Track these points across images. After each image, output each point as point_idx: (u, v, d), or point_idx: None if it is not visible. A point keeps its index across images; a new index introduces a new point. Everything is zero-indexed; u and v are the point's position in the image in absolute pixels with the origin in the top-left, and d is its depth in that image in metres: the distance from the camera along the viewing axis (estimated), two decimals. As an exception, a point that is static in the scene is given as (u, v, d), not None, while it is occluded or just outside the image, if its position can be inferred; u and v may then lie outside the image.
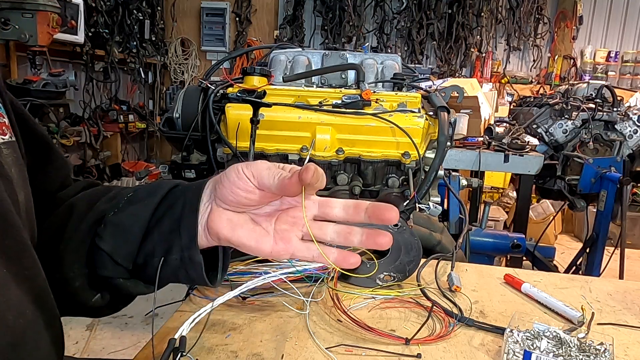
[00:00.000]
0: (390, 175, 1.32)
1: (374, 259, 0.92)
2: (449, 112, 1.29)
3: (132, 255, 0.59)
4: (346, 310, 0.78)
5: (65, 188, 0.71)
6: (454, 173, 1.73)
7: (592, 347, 0.67)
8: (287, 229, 0.58)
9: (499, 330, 0.76)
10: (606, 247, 2.52)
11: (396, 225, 1.01)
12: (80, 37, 3.84)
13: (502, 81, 5.72)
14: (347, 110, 1.26)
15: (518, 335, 0.69)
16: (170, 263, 0.59)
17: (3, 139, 0.56)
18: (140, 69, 5.17)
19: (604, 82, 3.32)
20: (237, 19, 5.70)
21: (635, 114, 2.66)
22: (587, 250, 2.59)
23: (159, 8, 5.40)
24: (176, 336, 0.59)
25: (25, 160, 0.60)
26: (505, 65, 5.78)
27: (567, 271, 2.76)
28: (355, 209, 0.56)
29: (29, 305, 0.51)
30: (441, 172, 1.28)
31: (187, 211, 0.58)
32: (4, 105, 0.59)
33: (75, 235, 0.60)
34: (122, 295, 0.64)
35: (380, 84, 1.48)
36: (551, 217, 3.86)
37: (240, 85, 1.17)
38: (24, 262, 0.52)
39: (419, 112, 1.28)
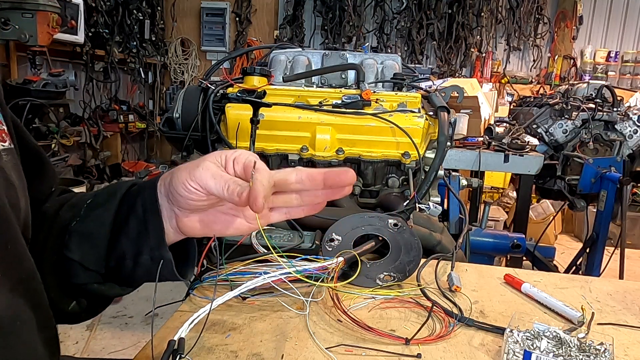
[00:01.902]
0: (390, 175, 1.32)
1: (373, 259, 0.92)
2: (449, 112, 1.29)
3: (102, 260, 0.61)
4: (346, 310, 0.78)
5: (49, 196, 0.72)
6: (454, 173, 1.73)
7: (592, 347, 0.67)
8: None
9: (499, 330, 0.76)
10: (606, 247, 2.52)
11: (396, 225, 1.01)
12: (80, 37, 3.84)
13: (502, 81, 5.72)
14: (347, 110, 1.26)
15: (518, 335, 0.69)
16: (142, 263, 0.60)
17: (3, 145, 0.56)
18: (140, 69, 5.17)
19: (604, 82, 3.32)
20: (237, 19, 5.70)
21: (635, 114, 2.66)
22: (587, 250, 2.59)
23: (159, 8, 5.40)
24: (175, 337, 0.59)
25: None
26: (505, 65, 5.78)
27: (567, 271, 2.76)
28: (312, 181, 0.56)
29: (24, 307, 0.52)
30: (441, 172, 1.28)
31: (150, 213, 0.60)
32: (4, 114, 0.59)
33: (43, 248, 0.61)
34: (99, 299, 0.65)
35: (380, 84, 1.48)
36: (551, 217, 3.86)
37: (240, 85, 1.17)
38: (23, 266, 0.53)
39: (419, 112, 1.28)
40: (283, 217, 0.60)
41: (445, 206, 1.89)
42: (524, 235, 2.43)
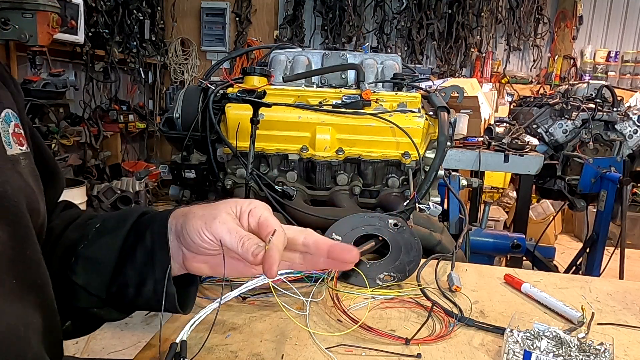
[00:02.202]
0: (390, 175, 1.32)
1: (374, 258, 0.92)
2: (449, 112, 1.29)
3: (105, 286, 0.61)
4: (346, 310, 0.78)
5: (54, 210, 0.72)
6: (454, 173, 1.73)
7: (592, 347, 0.67)
8: None
9: (499, 330, 0.76)
10: (606, 247, 2.52)
11: (396, 225, 1.01)
12: (80, 37, 3.84)
13: (502, 81, 5.72)
14: (347, 110, 1.26)
15: (518, 335, 0.69)
16: (144, 293, 0.61)
17: (21, 149, 0.57)
18: (140, 69, 5.17)
19: (604, 82, 3.32)
20: (237, 19, 5.70)
21: (635, 114, 2.66)
22: (587, 250, 2.59)
23: (159, 8, 5.40)
24: (177, 340, 0.59)
25: None
26: (505, 65, 5.78)
27: (567, 271, 2.76)
28: (317, 249, 0.57)
29: (36, 314, 0.52)
30: (441, 172, 1.28)
31: (158, 246, 0.60)
32: (22, 118, 0.60)
33: (47, 267, 0.61)
34: (94, 321, 0.66)
35: (380, 84, 1.48)
36: (551, 217, 3.86)
37: (240, 85, 1.17)
38: (40, 272, 0.54)
39: (419, 112, 1.28)
40: (284, 269, 0.61)
41: (445, 206, 1.89)
42: (524, 235, 2.43)
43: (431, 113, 1.31)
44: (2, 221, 0.49)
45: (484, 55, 5.68)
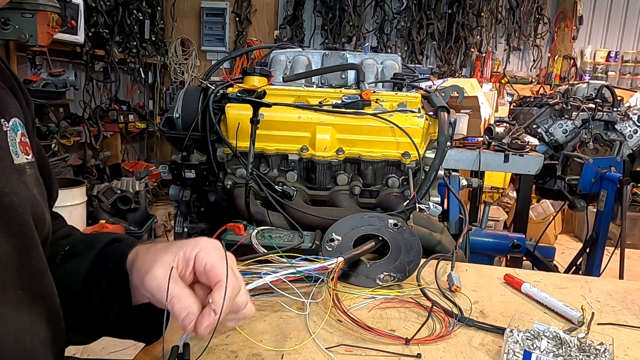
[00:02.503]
0: (390, 175, 1.32)
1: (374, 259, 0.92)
2: (449, 112, 1.29)
3: (72, 310, 0.60)
4: (346, 310, 0.78)
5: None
6: (454, 173, 1.73)
7: (592, 347, 0.67)
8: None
9: (499, 330, 0.76)
10: (606, 247, 2.52)
11: (396, 225, 1.01)
12: (80, 37, 3.84)
13: (502, 81, 5.72)
14: (347, 110, 1.26)
15: (518, 335, 0.69)
16: (110, 321, 0.61)
17: (27, 158, 0.57)
18: (140, 69, 5.16)
19: (604, 82, 3.32)
20: (237, 19, 5.70)
21: (635, 114, 2.66)
22: (587, 250, 2.59)
23: (159, 8, 5.40)
24: (179, 342, 0.59)
25: None
26: (505, 65, 5.78)
27: (567, 271, 2.76)
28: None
29: (42, 324, 0.52)
30: (441, 172, 1.28)
31: (119, 278, 0.60)
32: (27, 126, 0.60)
33: None
34: None
35: (380, 84, 1.48)
36: (551, 217, 3.86)
37: (240, 85, 1.17)
38: (46, 282, 0.54)
39: (419, 112, 1.28)
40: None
41: (445, 206, 1.89)
42: (524, 235, 2.43)
43: (431, 113, 1.31)
44: (7, 232, 0.49)
45: (484, 55, 5.68)
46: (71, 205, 3.10)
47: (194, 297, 0.54)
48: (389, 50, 5.59)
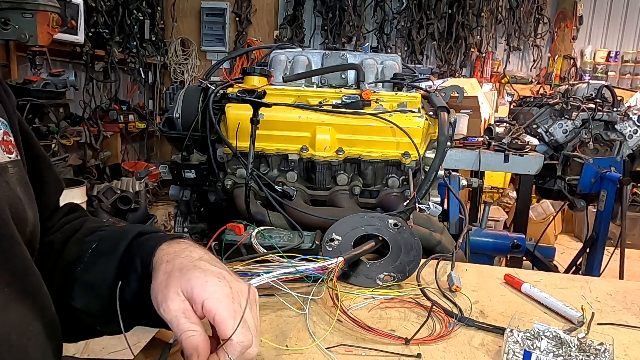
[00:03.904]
0: (390, 175, 1.32)
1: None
2: (449, 112, 1.29)
3: (105, 306, 0.61)
4: (346, 310, 0.78)
5: (54, 212, 0.72)
6: (454, 173, 1.73)
7: (592, 347, 0.67)
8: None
9: (499, 330, 0.76)
10: (606, 247, 2.52)
11: (396, 225, 1.01)
12: (80, 37, 3.84)
13: (502, 81, 5.71)
14: (347, 110, 1.26)
15: (518, 335, 0.69)
16: (142, 313, 0.61)
17: (9, 157, 0.56)
18: (140, 69, 5.17)
19: (604, 82, 3.32)
20: (237, 19, 5.70)
21: (635, 114, 2.65)
22: (587, 250, 2.59)
23: (159, 8, 5.40)
24: (171, 340, 0.60)
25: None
26: (505, 65, 5.78)
27: (567, 271, 2.76)
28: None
29: (32, 321, 0.52)
30: (441, 172, 1.28)
31: (146, 274, 0.60)
32: (12, 125, 0.60)
33: (50, 282, 0.61)
34: (93, 333, 0.67)
35: (380, 84, 1.48)
36: (551, 217, 3.86)
37: (240, 85, 1.17)
38: (29, 279, 0.53)
39: (419, 112, 1.28)
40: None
41: (445, 206, 1.89)
42: (524, 235, 2.44)
43: (431, 113, 1.31)
44: None
45: (484, 55, 5.68)
46: (71, 205, 3.09)
47: (204, 336, 0.52)
48: (389, 50, 5.59)
